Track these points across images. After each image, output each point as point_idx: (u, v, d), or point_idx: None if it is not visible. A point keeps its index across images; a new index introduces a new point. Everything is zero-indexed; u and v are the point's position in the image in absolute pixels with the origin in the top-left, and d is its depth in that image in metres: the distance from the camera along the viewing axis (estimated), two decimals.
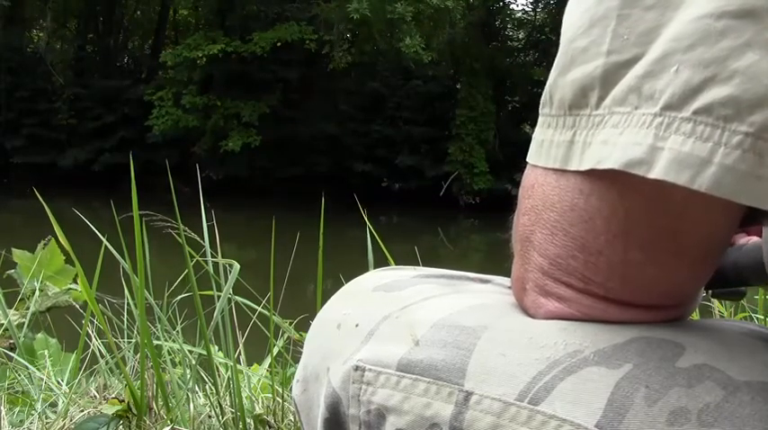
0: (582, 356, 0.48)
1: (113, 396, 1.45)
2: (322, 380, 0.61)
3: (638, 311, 0.50)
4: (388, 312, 0.60)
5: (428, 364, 0.53)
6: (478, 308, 0.57)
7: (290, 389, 1.50)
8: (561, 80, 0.48)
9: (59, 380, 1.68)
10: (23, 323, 1.86)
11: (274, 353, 1.54)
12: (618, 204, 0.46)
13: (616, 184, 0.45)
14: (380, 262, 1.59)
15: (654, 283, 0.49)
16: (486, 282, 0.66)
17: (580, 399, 0.46)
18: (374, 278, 0.68)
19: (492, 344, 0.52)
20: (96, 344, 1.68)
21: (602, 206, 0.46)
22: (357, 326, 0.61)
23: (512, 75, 21.09)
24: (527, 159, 0.51)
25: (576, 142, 0.46)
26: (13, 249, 2.04)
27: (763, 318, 1.52)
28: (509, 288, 0.62)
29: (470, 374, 0.51)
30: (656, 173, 0.41)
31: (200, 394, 1.52)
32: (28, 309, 1.90)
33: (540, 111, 0.49)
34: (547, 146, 0.49)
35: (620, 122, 0.43)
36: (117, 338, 1.67)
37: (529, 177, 0.51)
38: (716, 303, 1.68)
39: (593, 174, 0.46)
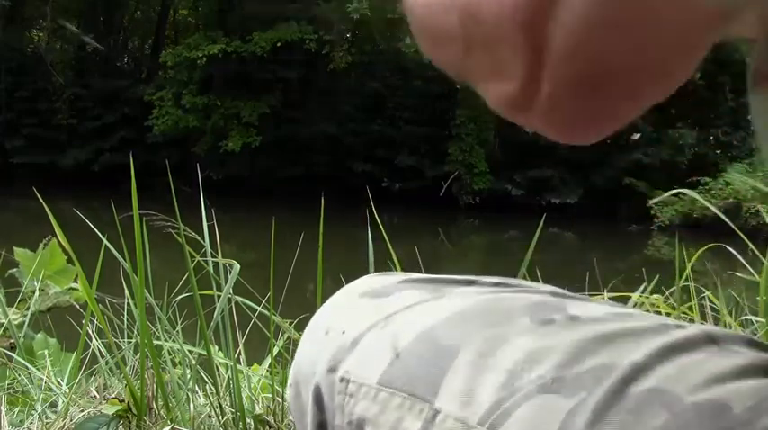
0: (541, 383, 0.50)
1: (113, 396, 1.45)
2: (310, 385, 0.64)
3: None
4: (373, 321, 0.62)
5: (406, 380, 0.56)
6: (457, 319, 0.59)
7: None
8: None
9: (59, 380, 1.68)
10: (24, 322, 1.86)
11: (274, 354, 1.54)
12: None
13: None
14: (381, 261, 1.59)
15: None
16: (472, 283, 0.67)
17: (533, 427, 0.48)
18: (362, 284, 0.70)
19: (464, 366, 0.54)
20: (96, 344, 1.68)
21: None
22: (343, 332, 0.63)
23: None
24: None
25: None
26: (15, 248, 2.05)
27: (764, 321, 1.51)
28: (495, 285, 0.65)
29: (442, 393, 0.54)
30: None
31: (201, 394, 1.52)
32: (29, 308, 1.90)
33: None
34: None
35: None
36: (117, 338, 1.67)
37: None
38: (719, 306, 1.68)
39: None
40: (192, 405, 1.43)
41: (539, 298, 0.61)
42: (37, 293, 1.93)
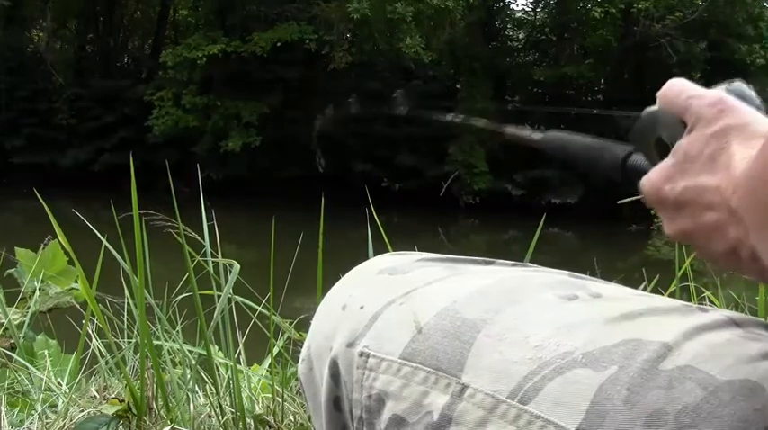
0: (571, 358, 0.50)
1: (113, 396, 1.45)
2: (325, 360, 0.63)
3: None
4: (392, 297, 0.62)
5: (430, 355, 0.56)
6: (480, 294, 0.58)
7: (292, 388, 1.51)
8: None
9: (59, 380, 1.68)
10: (24, 322, 1.86)
11: (274, 354, 1.54)
12: None
13: None
14: None
15: None
16: (490, 263, 0.67)
17: (565, 401, 0.48)
18: (380, 262, 0.70)
19: (490, 340, 0.54)
20: (96, 344, 1.68)
21: None
22: (362, 308, 0.63)
23: (512, 75, 21.06)
24: None
25: None
26: (17, 248, 2.04)
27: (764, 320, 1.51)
28: (513, 265, 0.65)
29: (468, 368, 0.54)
30: None
31: (201, 394, 1.51)
32: (29, 308, 1.89)
33: None
34: None
35: None
36: (117, 338, 1.67)
37: None
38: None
39: None
40: (191, 405, 1.43)
41: (559, 277, 0.62)
42: (37, 293, 1.93)
